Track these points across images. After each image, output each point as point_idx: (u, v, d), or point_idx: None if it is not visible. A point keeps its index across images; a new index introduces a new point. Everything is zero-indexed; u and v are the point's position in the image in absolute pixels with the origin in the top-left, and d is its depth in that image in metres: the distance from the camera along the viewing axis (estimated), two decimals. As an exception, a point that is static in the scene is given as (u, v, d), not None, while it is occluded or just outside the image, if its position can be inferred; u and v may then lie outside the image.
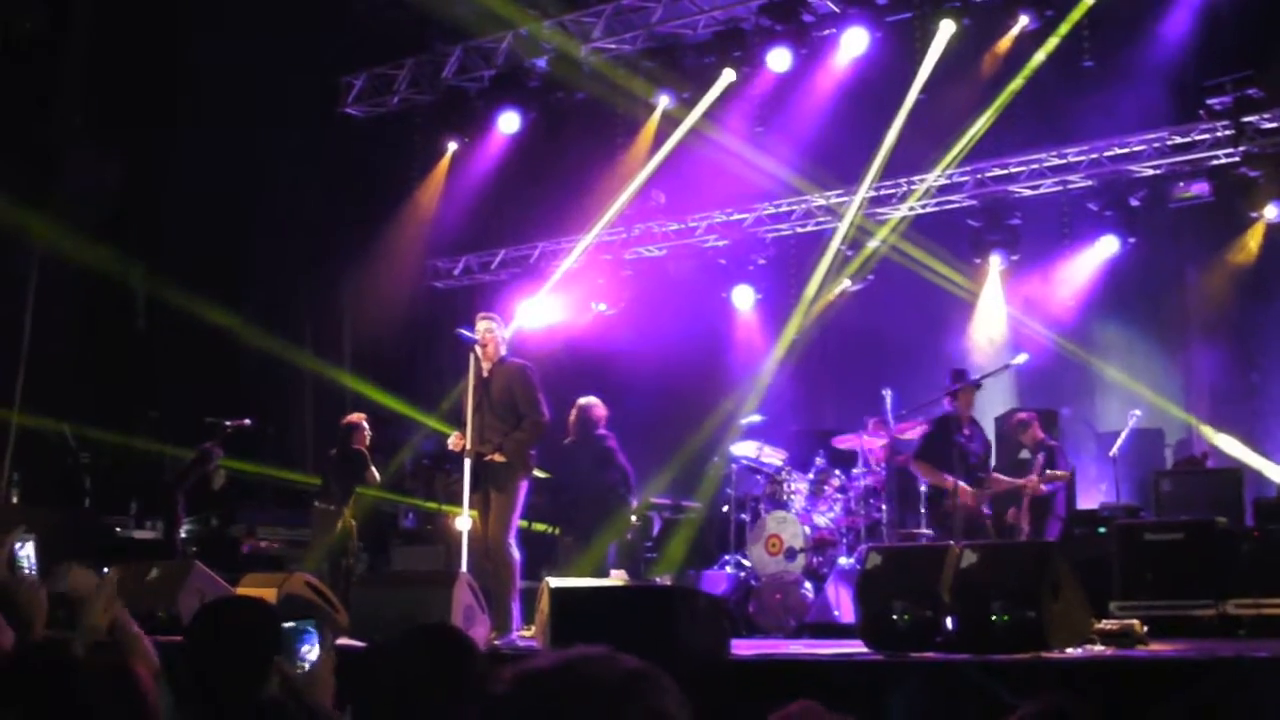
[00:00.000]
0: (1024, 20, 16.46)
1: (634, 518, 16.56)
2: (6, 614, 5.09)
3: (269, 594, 11.04)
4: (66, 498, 17.76)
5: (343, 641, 10.53)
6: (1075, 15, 16.32)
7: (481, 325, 12.10)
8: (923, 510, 15.32)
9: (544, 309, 19.72)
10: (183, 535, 17.72)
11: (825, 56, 17.89)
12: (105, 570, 13.29)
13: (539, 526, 15.87)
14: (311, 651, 5.70)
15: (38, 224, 17.06)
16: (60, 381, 17.72)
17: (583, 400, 15.17)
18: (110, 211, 18.00)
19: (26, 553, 9.97)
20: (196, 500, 17.44)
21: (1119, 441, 15.62)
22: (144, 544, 17.62)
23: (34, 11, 17.43)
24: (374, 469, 15.49)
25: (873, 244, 18.73)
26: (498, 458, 11.71)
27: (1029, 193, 18.34)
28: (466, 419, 11.89)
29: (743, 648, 10.89)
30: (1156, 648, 10.36)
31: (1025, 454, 15.01)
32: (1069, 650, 9.45)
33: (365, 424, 15.75)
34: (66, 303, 18.15)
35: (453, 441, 12.08)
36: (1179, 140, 17.34)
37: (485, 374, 12.03)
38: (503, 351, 12.12)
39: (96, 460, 17.75)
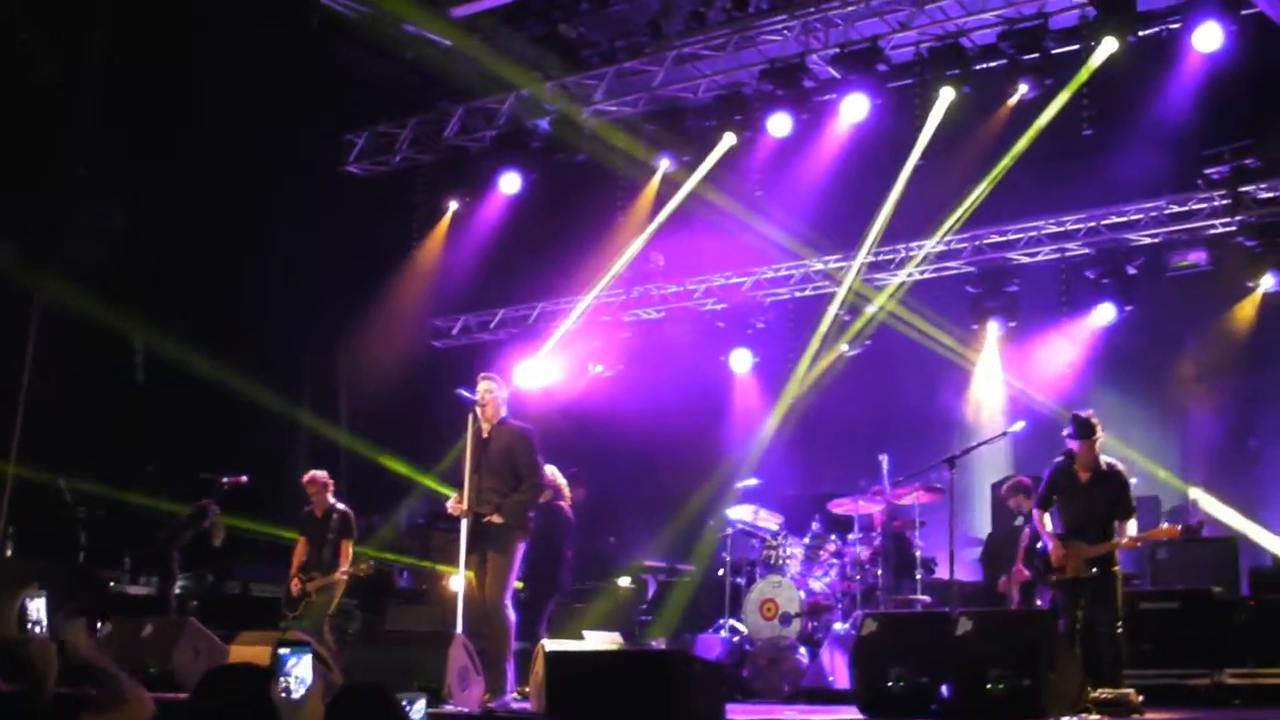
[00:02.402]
0: (1024, 88, 16.52)
1: (628, 580, 16.58)
2: (19, 671, 5.10)
3: (264, 652, 11.00)
4: (61, 552, 17.69)
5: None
6: (1075, 84, 16.38)
7: (481, 386, 12.09)
8: (918, 576, 15.32)
9: (542, 370, 19.74)
10: (178, 591, 17.65)
11: (826, 122, 17.93)
12: (100, 625, 13.33)
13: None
14: (299, 667, 5.69)
15: (39, 275, 17.07)
16: (57, 434, 17.67)
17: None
18: (112, 265, 18.01)
19: (37, 607, 9.97)
20: (192, 556, 17.37)
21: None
22: (139, 599, 17.55)
23: (42, 64, 17.48)
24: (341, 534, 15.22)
25: (871, 309, 18.77)
26: (496, 519, 11.68)
27: (1027, 260, 18.41)
28: (465, 479, 11.86)
29: (738, 713, 10.88)
30: (1153, 717, 10.36)
31: (1020, 520, 14.98)
32: (1065, 719, 9.45)
33: (317, 479, 15.48)
34: (65, 355, 18.11)
35: (451, 505, 12.05)
36: (1177, 209, 17.42)
37: (484, 435, 12.01)
38: (503, 412, 12.08)
39: (92, 514, 17.68)
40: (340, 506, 15.20)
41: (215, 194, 18.52)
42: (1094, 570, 11.61)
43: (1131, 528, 11.83)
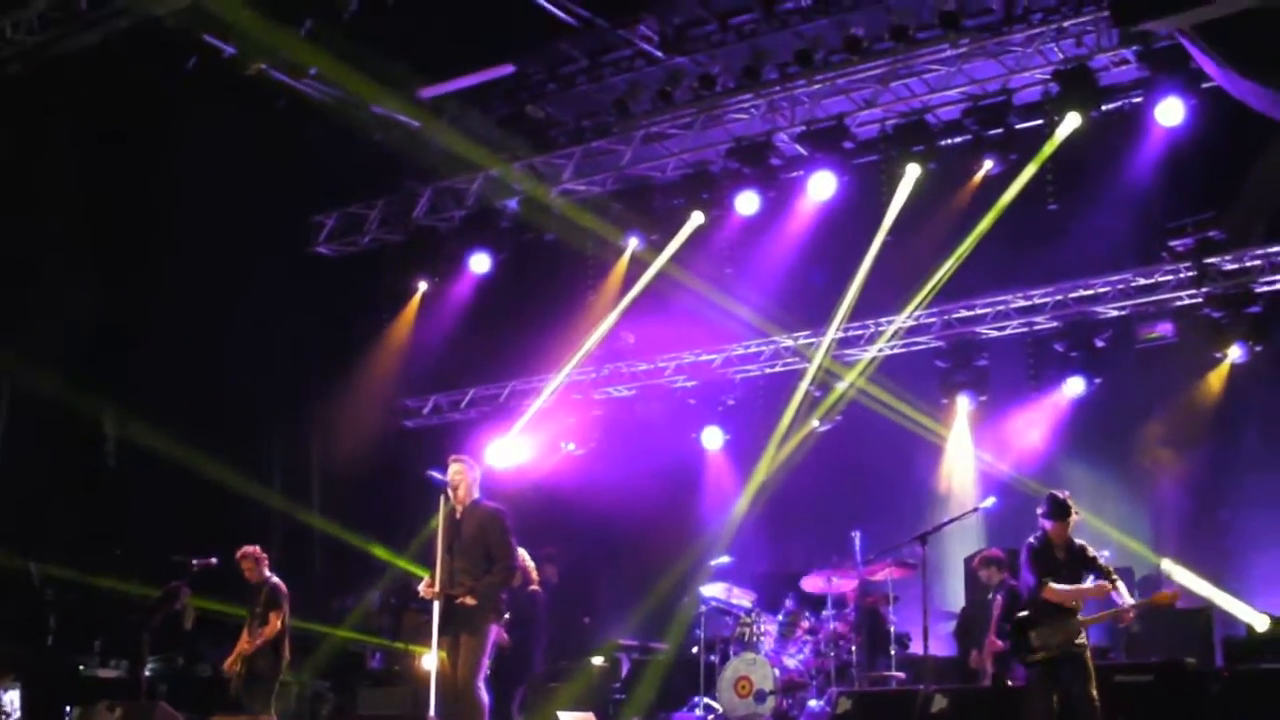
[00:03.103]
0: (989, 164, 16.66)
1: (602, 659, 16.52)
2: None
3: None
4: (31, 636, 17.58)
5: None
6: (1040, 158, 16.53)
7: (452, 468, 12.03)
8: (893, 652, 15.30)
9: (514, 448, 19.72)
10: (148, 674, 17.54)
11: (793, 199, 18.05)
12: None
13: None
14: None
15: (8, 357, 17.04)
16: (26, 517, 17.59)
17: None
18: (81, 346, 17.98)
19: (10, 698, 9.92)
20: (162, 639, 17.28)
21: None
22: (108, 683, 17.43)
23: (7, 141, 17.47)
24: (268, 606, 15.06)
25: (841, 386, 18.84)
26: (469, 601, 11.60)
27: (995, 333, 18.48)
28: (436, 561, 11.79)
29: (713, 793, 10.83)
30: (1128, 792, 10.35)
31: (991, 594, 14.96)
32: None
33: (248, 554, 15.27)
34: (35, 437, 18.07)
35: (423, 588, 11.95)
36: (1143, 281, 17.54)
37: (457, 516, 11.94)
38: (475, 494, 12.01)
39: (61, 597, 17.58)
40: (272, 579, 15.05)
41: (185, 275, 18.50)
42: (1077, 644, 11.57)
43: (1123, 588, 11.80)
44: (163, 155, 18.79)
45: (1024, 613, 11.85)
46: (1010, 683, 13.31)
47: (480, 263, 19.68)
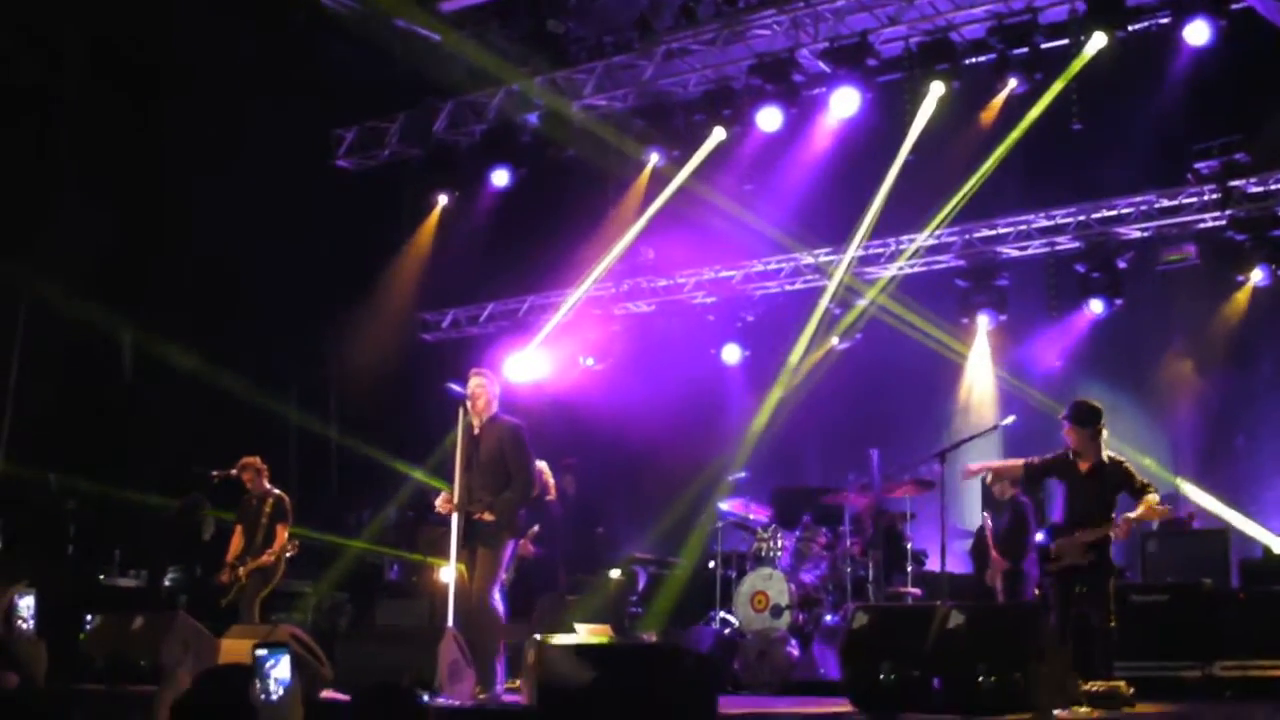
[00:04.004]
0: (1013, 83, 16.50)
1: (619, 572, 16.57)
2: (10, 666, 5.18)
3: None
4: (50, 545, 17.66)
5: (328, 695, 10.52)
6: (1064, 79, 16.38)
7: (473, 381, 11.98)
8: (909, 569, 15.34)
9: (532, 363, 19.72)
10: (167, 584, 17.64)
11: (815, 116, 17.93)
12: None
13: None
14: (277, 668, 5.70)
15: (26, 274, 17.03)
16: (46, 431, 17.65)
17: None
18: (98, 263, 17.97)
19: (26, 604, 9.96)
20: (182, 549, 17.37)
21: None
22: (128, 593, 17.53)
23: (26, 62, 17.44)
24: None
25: (861, 303, 18.81)
26: (487, 517, 11.60)
27: (1017, 254, 18.43)
28: (455, 476, 11.78)
29: (729, 705, 10.86)
30: (1144, 709, 10.37)
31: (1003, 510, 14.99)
32: (1056, 712, 9.46)
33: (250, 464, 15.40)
34: (53, 353, 18.09)
35: (441, 502, 11.93)
36: (1166, 204, 17.46)
37: (475, 431, 11.92)
38: (494, 408, 11.98)
39: (81, 509, 17.66)
40: (275, 491, 15.11)
41: (201, 189, 18.46)
42: (1090, 558, 11.54)
43: (1154, 499, 11.60)
44: (181, 70, 18.72)
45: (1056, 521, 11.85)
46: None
47: (500, 178, 19.57)
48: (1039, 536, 12.39)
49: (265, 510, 14.90)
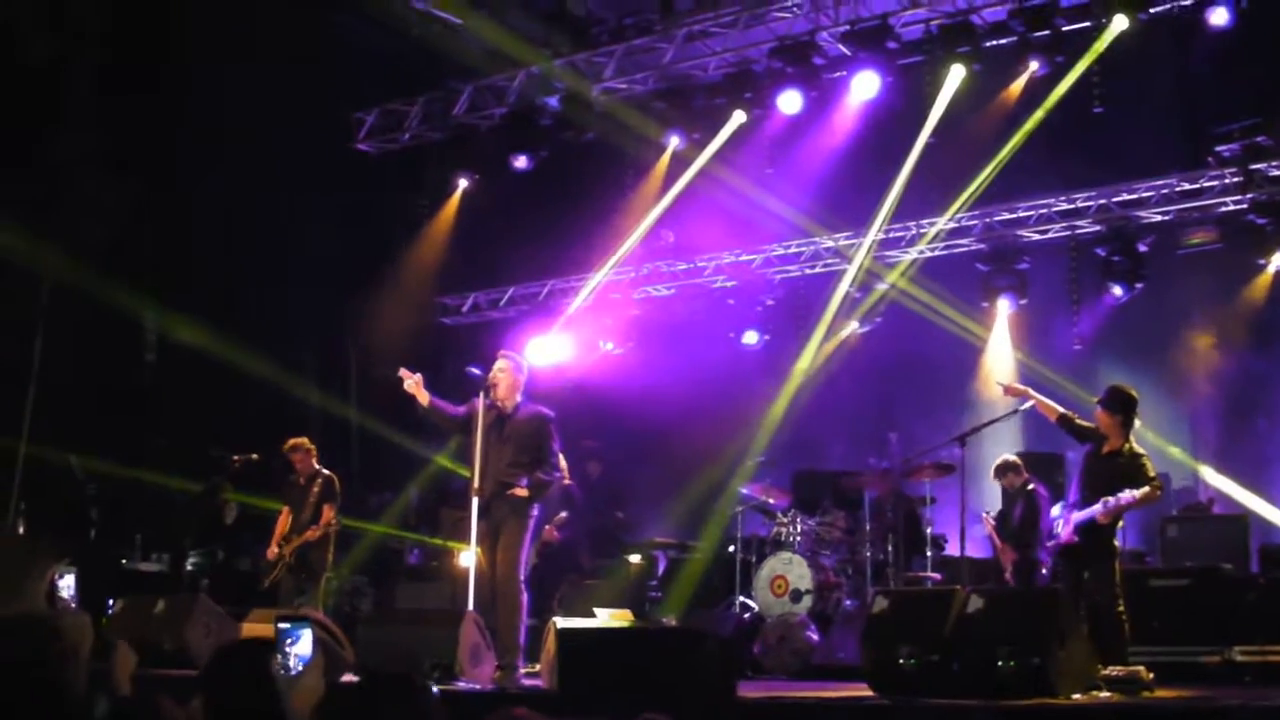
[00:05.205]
0: (1034, 66, 16.43)
1: (639, 557, 16.59)
2: (54, 644, 5.23)
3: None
4: (73, 529, 17.73)
5: (349, 679, 10.55)
6: (1086, 61, 16.32)
7: (499, 363, 12.01)
8: (929, 553, 15.35)
9: (552, 347, 19.71)
10: (189, 568, 17.70)
11: (836, 99, 17.87)
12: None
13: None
14: (298, 643, 5.74)
15: (48, 253, 17.08)
16: (68, 413, 17.70)
17: None
18: (120, 244, 18.01)
19: (67, 583, 10.04)
20: (203, 533, 17.44)
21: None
22: (150, 576, 17.61)
23: (46, 39, 17.47)
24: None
25: (881, 287, 18.79)
26: (520, 492, 11.61)
27: (1038, 237, 18.40)
28: (475, 459, 11.79)
29: (748, 689, 10.90)
30: (1163, 694, 10.37)
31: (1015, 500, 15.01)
32: (1076, 696, 9.47)
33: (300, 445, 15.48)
34: (76, 334, 18.14)
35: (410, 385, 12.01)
36: (1188, 187, 17.40)
37: (501, 413, 11.91)
38: (518, 396, 11.99)
39: (103, 492, 17.72)
40: (325, 471, 15.16)
41: (224, 171, 18.49)
42: (1078, 538, 11.47)
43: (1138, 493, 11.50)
44: (202, 51, 18.75)
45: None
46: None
47: (520, 161, 19.58)
48: (1055, 510, 12.35)
49: (314, 490, 14.96)
